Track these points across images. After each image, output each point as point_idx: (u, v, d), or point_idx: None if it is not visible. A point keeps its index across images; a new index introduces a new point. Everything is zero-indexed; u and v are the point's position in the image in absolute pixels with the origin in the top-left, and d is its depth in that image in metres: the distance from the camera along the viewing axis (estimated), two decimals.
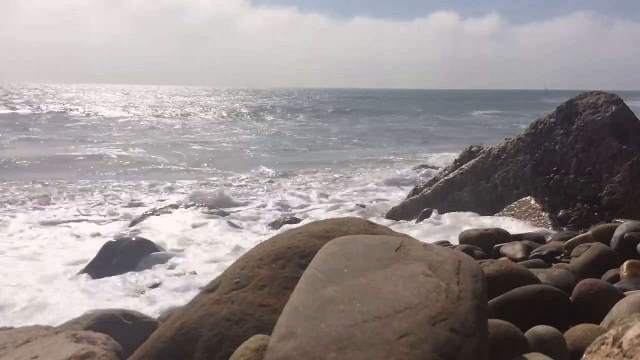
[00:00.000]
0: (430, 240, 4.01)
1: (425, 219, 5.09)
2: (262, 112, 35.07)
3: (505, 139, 5.55)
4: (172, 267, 5.16)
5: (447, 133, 24.64)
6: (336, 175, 11.12)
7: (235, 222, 6.91)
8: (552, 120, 5.09)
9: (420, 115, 36.76)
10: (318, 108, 40.57)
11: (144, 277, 4.64)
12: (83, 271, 4.87)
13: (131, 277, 4.63)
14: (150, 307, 4.02)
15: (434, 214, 5.14)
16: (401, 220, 5.49)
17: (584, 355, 1.27)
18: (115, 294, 4.39)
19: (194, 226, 6.78)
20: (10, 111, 30.91)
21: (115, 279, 4.58)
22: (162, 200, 8.50)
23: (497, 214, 4.79)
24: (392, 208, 6.00)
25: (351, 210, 7.03)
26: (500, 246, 3.28)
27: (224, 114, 33.02)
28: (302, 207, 7.84)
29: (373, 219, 4.80)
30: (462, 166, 5.62)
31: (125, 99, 54.16)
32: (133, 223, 7.02)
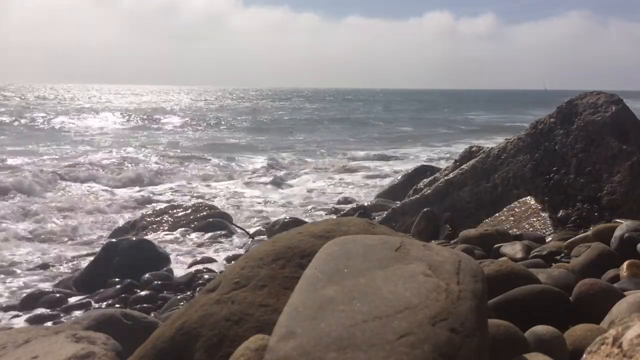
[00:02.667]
0: None
1: None
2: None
3: (506, 139, 5.55)
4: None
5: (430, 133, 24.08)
6: None
7: None
8: (552, 120, 5.09)
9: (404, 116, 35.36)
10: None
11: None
12: (84, 270, 4.87)
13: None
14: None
15: None
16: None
17: (584, 355, 1.27)
18: None
19: None
20: None
21: None
22: None
23: (497, 214, 4.79)
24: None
25: None
26: (500, 246, 3.28)
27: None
28: None
29: None
30: (462, 166, 5.62)
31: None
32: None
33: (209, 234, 6.41)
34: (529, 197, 4.72)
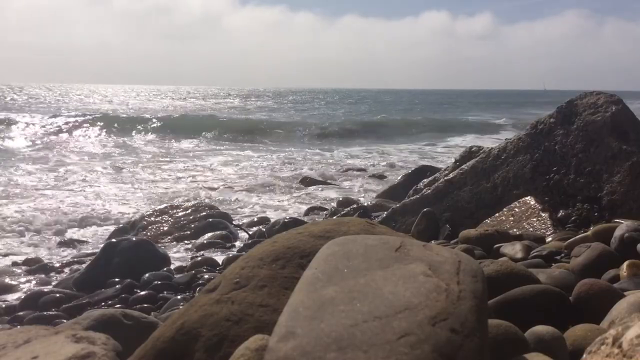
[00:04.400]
0: None
1: None
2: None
3: (506, 139, 5.55)
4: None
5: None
6: None
7: None
8: (552, 120, 5.09)
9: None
10: None
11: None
12: (84, 270, 4.87)
13: None
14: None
15: None
16: None
17: (584, 355, 1.27)
18: None
19: None
20: None
21: None
22: None
23: (497, 214, 4.80)
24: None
25: None
26: (500, 246, 3.28)
27: None
28: None
29: None
30: (462, 166, 5.62)
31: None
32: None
33: (209, 234, 6.41)
34: (529, 197, 4.72)
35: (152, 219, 7.04)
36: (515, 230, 4.19)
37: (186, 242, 6.35)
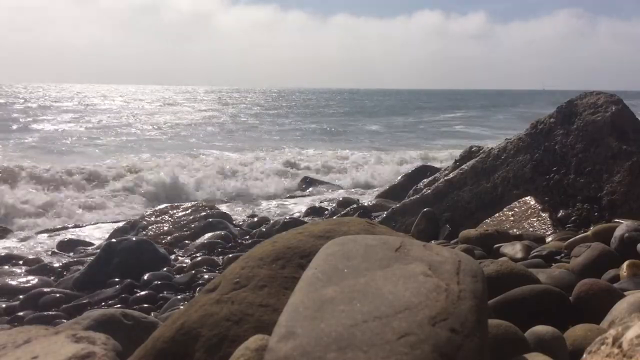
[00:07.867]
0: None
1: None
2: None
3: (506, 139, 5.55)
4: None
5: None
6: None
7: None
8: (552, 120, 5.09)
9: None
10: None
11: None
12: (84, 270, 4.87)
13: None
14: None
15: None
16: None
17: (584, 355, 1.27)
18: None
19: None
20: None
21: None
22: None
23: (497, 214, 4.80)
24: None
25: None
26: (500, 246, 3.28)
27: None
28: None
29: None
30: (462, 166, 5.62)
31: None
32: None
33: (209, 234, 6.41)
34: (529, 197, 4.72)
35: (152, 219, 7.04)
36: (515, 230, 4.19)
37: (186, 242, 6.34)
